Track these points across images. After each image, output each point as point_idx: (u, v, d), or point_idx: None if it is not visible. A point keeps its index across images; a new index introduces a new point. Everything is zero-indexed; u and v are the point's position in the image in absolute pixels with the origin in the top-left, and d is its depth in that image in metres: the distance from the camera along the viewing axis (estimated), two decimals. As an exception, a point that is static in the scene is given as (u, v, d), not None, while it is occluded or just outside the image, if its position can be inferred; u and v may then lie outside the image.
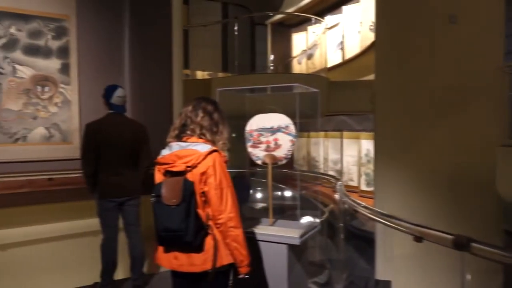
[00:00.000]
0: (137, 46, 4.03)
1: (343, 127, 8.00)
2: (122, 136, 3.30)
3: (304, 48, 8.48)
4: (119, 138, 3.28)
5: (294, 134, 2.50)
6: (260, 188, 6.67)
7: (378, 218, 2.32)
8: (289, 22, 9.21)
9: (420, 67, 4.05)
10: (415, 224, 1.91)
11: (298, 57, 8.54)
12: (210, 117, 2.06)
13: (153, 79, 4.08)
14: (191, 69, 8.18)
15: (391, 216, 2.17)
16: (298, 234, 2.37)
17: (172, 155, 1.96)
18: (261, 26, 9.35)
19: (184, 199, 1.87)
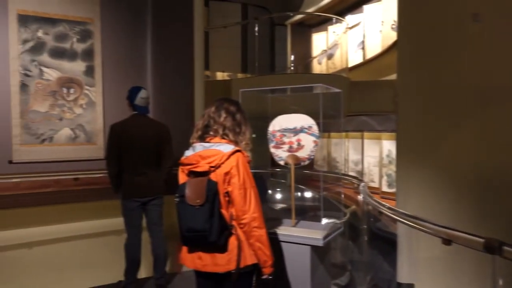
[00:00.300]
0: (159, 48, 4.08)
1: (364, 127, 7.90)
2: (146, 136, 3.34)
3: (324, 48, 8.42)
4: (142, 138, 3.33)
5: (317, 134, 2.48)
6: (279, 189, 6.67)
7: (404, 220, 2.28)
8: (309, 22, 9.17)
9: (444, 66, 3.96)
10: (443, 226, 1.87)
11: (318, 57, 8.49)
12: (233, 117, 2.06)
13: (174, 81, 4.13)
14: (211, 70, 8.22)
15: (418, 218, 2.13)
16: (322, 235, 2.35)
17: (195, 155, 1.98)
18: (280, 27, 9.34)
19: (208, 199, 1.88)
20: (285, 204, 5.82)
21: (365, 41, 7.79)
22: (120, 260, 3.44)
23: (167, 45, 4.11)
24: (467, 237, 1.69)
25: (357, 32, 7.99)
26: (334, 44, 7.62)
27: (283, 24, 9.27)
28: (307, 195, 6.26)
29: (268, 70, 8.69)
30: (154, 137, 3.37)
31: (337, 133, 8.26)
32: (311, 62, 8.71)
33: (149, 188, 3.36)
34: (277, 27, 9.38)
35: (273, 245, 2.11)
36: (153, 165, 3.39)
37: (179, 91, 4.14)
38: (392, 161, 6.97)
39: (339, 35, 7.61)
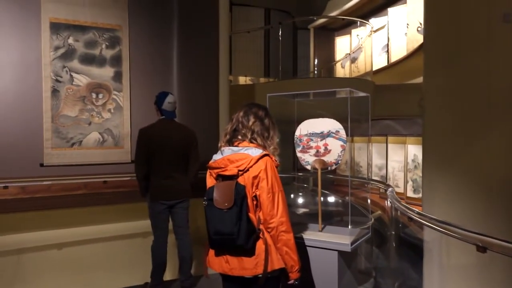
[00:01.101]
0: (185, 53, 4.14)
1: (388, 131, 7.79)
2: (173, 140, 3.39)
3: (347, 51, 8.36)
4: (170, 142, 3.38)
5: (345, 139, 2.46)
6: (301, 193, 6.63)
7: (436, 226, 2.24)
8: (332, 25, 9.12)
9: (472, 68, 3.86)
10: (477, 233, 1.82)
11: (341, 61, 8.43)
12: (261, 122, 2.07)
13: (200, 85, 4.18)
14: (234, 75, 8.26)
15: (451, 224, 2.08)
16: (350, 240, 2.33)
17: (224, 159, 1.99)
18: (303, 31, 9.32)
19: (236, 203, 1.89)
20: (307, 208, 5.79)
21: (389, 44, 7.69)
22: (146, 262, 3.49)
23: (193, 51, 4.16)
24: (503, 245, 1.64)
25: (381, 35, 7.90)
26: (358, 47, 7.55)
27: (306, 28, 9.26)
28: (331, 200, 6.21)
29: (291, 74, 8.68)
30: (181, 141, 3.42)
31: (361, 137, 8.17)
32: (334, 66, 8.65)
33: (176, 191, 3.40)
34: (300, 31, 9.36)
35: (299, 249, 2.10)
36: (180, 168, 3.43)
37: (204, 96, 4.18)
38: (417, 166, 6.84)
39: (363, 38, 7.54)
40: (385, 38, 7.83)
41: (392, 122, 7.82)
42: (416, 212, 2.54)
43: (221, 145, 2.09)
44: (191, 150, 3.46)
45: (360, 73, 7.15)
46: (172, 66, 4.12)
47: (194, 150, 3.47)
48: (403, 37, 7.30)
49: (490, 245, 1.72)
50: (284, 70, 6.99)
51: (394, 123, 7.81)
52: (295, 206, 5.41)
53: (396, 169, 7.50)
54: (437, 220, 2.27)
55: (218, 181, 2.00)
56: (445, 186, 3.92)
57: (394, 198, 3.11)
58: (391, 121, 7.80)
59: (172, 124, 3.48)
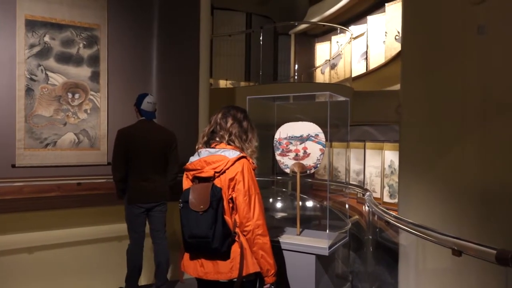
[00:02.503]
0: (165, 55, 4.09)
1: (366, 137, 7.88)
2: (152, 142, 3.33)
3: (327, 58, 8.44)
4: (149, 144, 3.31)
5: (324, 143, 2.46)
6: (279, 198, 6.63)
7: (412, 230, 2.25)
8: (313, 32, 9.21)
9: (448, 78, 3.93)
10: (453, 236, 1.83)
11: (321, 67, 8.50)
12: (239, 124, 2.05)
13: (180, 88, 4.13)
14: (214, 78, 8.25)
15: (427, 228, 2.10)
16: (327, 244, 2.32)
17: (200, 161, 1.96)
18: (284, 36, 9.37)
19: (212, 205, 1.85)
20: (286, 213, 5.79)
21: (368, 52, 7.80)
22: (121, 266, 3.41)
23: (173, 53, 4.11)
24: (478, 248, 1.66)
25: (360, 43, 8.01)
26: (338, 54, 7.63)
27: (287, 34, 9.31)
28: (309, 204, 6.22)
29: (271, 79, 8.71)
30: (160, 143, 3.36)
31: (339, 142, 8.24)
32: (314, 71, 8.72)
33: (154, 194, 3.34)
34: (281, 36, 9.41)
35: (276, 253, 2.08)
36: (159, 171, 3.37)
37: (184, 98, 4.14)
38: (394, 171, 6.94)
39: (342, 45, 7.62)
40: (364, 46, 7.94)
41: (370, 128, 7.91)
42: (393, 216, 2.55)
43: (198, 147, 2.06)
44: (171, 152, 3.41)
45: (340, 79, 7.22)
46: (151, 68, 4.06)
47: (173, 152, 3.42)
48: (381, 45, 7.41)
49: (465, 248, 1.74)
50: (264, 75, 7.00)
51: (372, 129, 7.91)
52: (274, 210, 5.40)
53: (373, 174, 7.59)
54: (413, 224, 2.28)
55: (194, 183, 1.96)
56: (421, 191, 3.97)
57: (372, 203, 3.12)
58: (369, 127, 7.89)
59: (151, 125, 3.42)
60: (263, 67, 7.21)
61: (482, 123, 3.85)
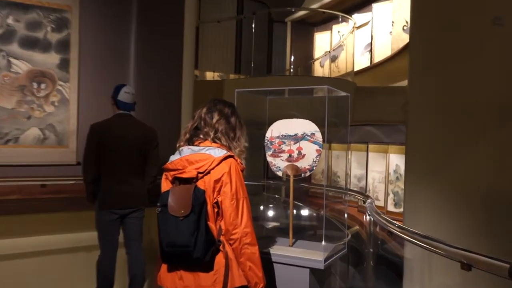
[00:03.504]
0: (145, 42, 4.07)
1: (369, 139, 7.94)
2: (130, 139, 3.31)
3: (327, 49, 8.49)
4: (126, 141, 3.30)
5: (321, 143, 2.47)
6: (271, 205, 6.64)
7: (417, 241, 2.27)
8: (312, 20, 9.24)
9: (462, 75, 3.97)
10: (462, 248, 1.85)
11: (320, 59, 8.55)
12: (226, 120, 2.05)
13: (161, 80, 4.11)
14: (200, 70, 8.24)
15: (434, 239, 2.12)
16: (323, 257, 2.33)
17: (182, 160, 1.96)
18: (279, 24, 9.40)
19: (194, 210, 1.85)
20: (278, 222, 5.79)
21: (373, 43, 7.86)
22: (90, 280, 3.38)
23: (154, 40, 4.10)
24: (489, 262, 1.68)
25: (364, 33, 8.07)
26: (339, 45, 7.68)
27: (283, 21, 9.33)
28: (304, 213, 6.24)
29: (264, 72, 8.73)
30: (139, 140, 3.34)
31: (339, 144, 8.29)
32: (313, 64, 8.77)
33: (130, 198, 3.32)
34: (276, 24, 9.44)
35: (266, 266, 2.08)
36: (137, 172, 3.36)
37: (165, 91, 4.12)
38: (400, 177, 6.99)
39: (344, 35, 7.67)
40: (368, 36, 8.00)
41: (373, 129, 7.96)
42: (397, 225, 2.57)
43: (180, 145, 2.05)
44: (150, 151, 3.40)
45: (341, 73, 7.27)
46: (129, 56, 4.04)
47: (153, 151, 3.41)
48: (388, 36, 7.47)
49: (475, 262, 1.76)
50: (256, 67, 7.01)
51: (375, 129, 7.96)
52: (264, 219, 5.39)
53: (377, 180, 7.63)
54: (419, 234, 2.30)
55: (175, 185, 1.96)
56: (429, 199, 4.00)
57: (373, 210, 3.15)
58: (372, 127, 7.94)
59: (129, 120, 3.40)
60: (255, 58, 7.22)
61: (498, 124, 3.90)
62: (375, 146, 7.71)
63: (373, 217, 3.17)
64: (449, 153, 3.97)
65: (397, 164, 7.13)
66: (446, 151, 3.98)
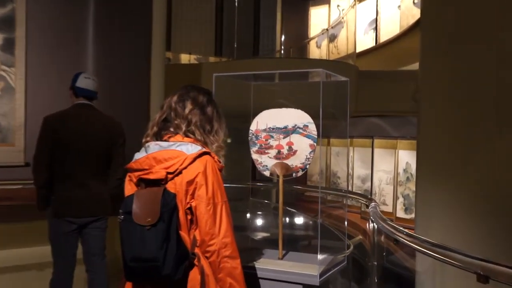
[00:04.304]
0: (105, 20, 4.07)
1: (374, 132, 8.00)
2: (91, 135, 3.29)
3: (324, 26, 8.53)
4: (86, 137, 3.28)
5: (315, 136, 2.48)
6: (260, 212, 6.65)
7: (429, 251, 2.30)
8: (306, -8, 9.29)
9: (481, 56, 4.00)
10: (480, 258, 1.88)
11: (316, 39, 8.59)
12: (201, 110, 2.05)
13: (125, 64, 4.11)
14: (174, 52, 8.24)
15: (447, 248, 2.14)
16: (318, 271, 2.34)
17: (148, 158, 1.95)
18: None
19: (163, 218, 1.85)
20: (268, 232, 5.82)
21: (378, 19, 7.92)
22: (42, 303, 3.38)
23: (116, 17, 4.10)
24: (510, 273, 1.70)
25: (368, 7, 8.12)
26: (339, 21, 7.71)
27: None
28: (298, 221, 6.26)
29: (250, 54, 8.74)
30: (102, 137, 3.33)
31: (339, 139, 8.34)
32: (308, 44, 8.81)
33: (90, 205, 3.31)
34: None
35: (250, 282, 2.09)
36: (99, 174, 3.34)
37: (131, 78, 4.12)
38: (411, 177, 7.06)
39: (345, 10, 7.71)
40: (373, 11, 8.06)
41: (379, 121, 8.03)
42: (405, 233, 2.60)
43: (146, 140, 2.04)
44: (115, 149, 3.39)
45: (341, 55, 7.30)
46: (87, 36, 4.04)
47: (119, 150, 3.40)
48: (396, 10, 7.53)
49: (493, 273, 1.78)
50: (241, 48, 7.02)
51: (382, 121, 8.03)
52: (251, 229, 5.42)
53: (384, 181, 7.70)
54: (429, 242, 2.33)
55: (140, 188, 1.95)
56: (445, 203, 4.05)
57: (377, 216, 3.18)
58: (378, 119, 8.01)
59: (91, 112, 3.38)
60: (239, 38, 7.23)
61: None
62: (382, 141, 7.78)
63: (376, 223, 3.19)
64: (469, 148, 4.00)
65: (408, 162, 7.20)
66: (465, 146, 4.01)
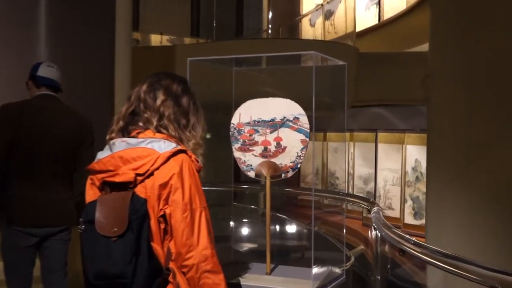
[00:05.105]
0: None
1: (378, 125, 8.04)
2: (58, 130, 3.27)
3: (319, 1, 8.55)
4: (52, 133, 3.26)
5: (307, 130, 2.50)
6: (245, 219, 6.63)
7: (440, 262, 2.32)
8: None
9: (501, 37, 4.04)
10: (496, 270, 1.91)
11: (310, 16, 8.60)
12: (176, 102, 2.05)
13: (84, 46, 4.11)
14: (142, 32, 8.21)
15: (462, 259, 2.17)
16: (312, 287, 2.37)
17: (113, 157, 1.95)
18: (253, -33, 9.44)
19: (132, 227, 1.86)
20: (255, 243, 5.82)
21: (382, -7, 7.95)
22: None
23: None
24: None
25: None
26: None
27: (257, -36, 9.38)
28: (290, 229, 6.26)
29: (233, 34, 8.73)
30: (71, 133, 3.31)
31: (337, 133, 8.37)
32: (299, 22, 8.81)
33: (53, 213, 3.29)
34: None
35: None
36: (63, 177, 3.33)
37: (91, 64, 4.11)
38: (421, 177, 7.10)
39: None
40: (376, -16, 8.09)
41: (384, 111, 8.07)
42: (413, 242, 2.63)
43: (111, 137, 2.04)
44: (84, 149, 3.37)
45: (338, 34, 7.31)
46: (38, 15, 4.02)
47: (87, 150, 3.36)
48: (402, -18, 7.57)
49: (511, 286, 1.82)
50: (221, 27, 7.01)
51: (386, 112, 8.07)
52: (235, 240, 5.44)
53: (390, 182, 7.74)
54: (441, 253, 2.36)
55: (104, 193, 1.96)
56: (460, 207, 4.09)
57: (381, 222, 3.21)
58: (382, 109, 8.05)
59: (56, 104, 3.37)
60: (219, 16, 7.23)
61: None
62: (387, 135, 7.82)
63: (380, 231, 3.21)
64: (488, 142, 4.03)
65: (417, 159, 7.26)
66: (483, 140, 4.04)
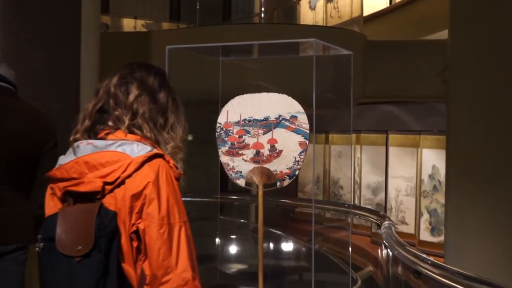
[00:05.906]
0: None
1: (390, 125, 8.07)
2: (14, 130, 3.27)
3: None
4: (6, 133, 3.26)
5: (307, 131, 2.50)
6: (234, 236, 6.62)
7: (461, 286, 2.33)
8: None
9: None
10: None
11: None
12: (152, 97, 2.04)
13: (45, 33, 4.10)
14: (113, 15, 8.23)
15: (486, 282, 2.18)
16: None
17: (78, 162, 1.94)
18: None
19: (99, 245, 1.85)
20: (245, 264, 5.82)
21: (393, -28, 7.99)
22: None
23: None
24: None
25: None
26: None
27: None
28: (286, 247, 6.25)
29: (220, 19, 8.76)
30: (29, 135, 3.31)
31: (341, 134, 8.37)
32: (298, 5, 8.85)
33: (6, 229, 3.29)
34: None
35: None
36: (19, 186, 3.32)
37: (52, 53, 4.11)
38: (438, 186, 7.12)
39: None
40: (386, -40, 8.13)
41: (396, 109, 8.10)
42: (430, 262, 2.64)
43: (76, 138, 2.03)
44: (45, 154, 3.36)
45: (343, 19, 7.34)
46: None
47: (48, 155, 3.36)
48: (416, -41, 7.61)
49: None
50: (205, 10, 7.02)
51: (399, 110, 8.10)
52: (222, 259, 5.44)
53: (403, 192, 7.75)
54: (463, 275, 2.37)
55: (67, 204, 1.95)
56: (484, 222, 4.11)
57: (392, 239, 3.21)
58: (394, 106, 8.08)
59: (13, 100, 3.37)
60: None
61: None
62: (400, 137, 7.84)
63: (391, 249, 3.21)
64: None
65: (435, 165, 7.27)
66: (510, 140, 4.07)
